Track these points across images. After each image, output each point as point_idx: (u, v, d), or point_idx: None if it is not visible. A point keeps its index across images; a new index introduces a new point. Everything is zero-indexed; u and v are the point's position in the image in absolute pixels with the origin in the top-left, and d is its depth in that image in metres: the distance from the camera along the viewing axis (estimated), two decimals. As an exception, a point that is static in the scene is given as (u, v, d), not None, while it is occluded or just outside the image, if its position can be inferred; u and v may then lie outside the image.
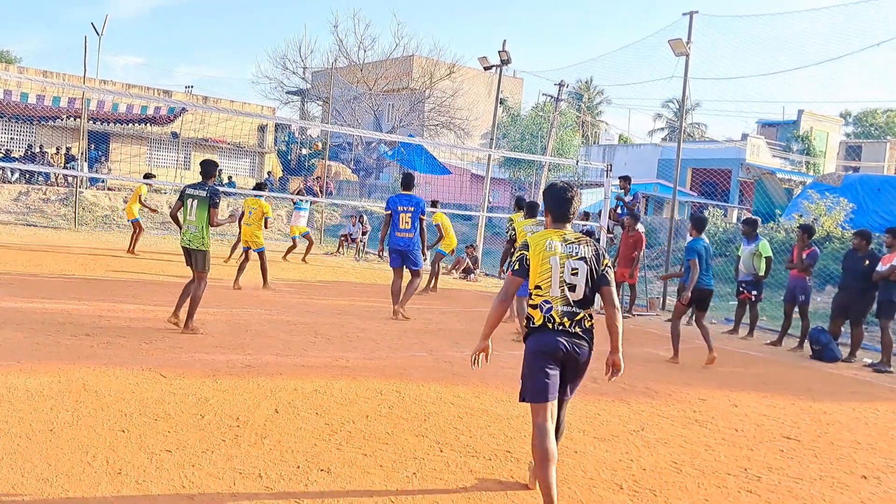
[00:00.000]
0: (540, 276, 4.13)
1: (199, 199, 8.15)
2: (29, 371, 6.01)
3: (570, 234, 4.25)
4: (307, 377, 6.65)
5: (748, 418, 6.58)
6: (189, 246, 8.19)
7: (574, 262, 4.13)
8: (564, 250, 4.15)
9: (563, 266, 4.11)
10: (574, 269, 4.11)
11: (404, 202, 10.59)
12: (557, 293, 4.11)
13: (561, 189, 4.35)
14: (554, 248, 4.14)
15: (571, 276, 4.10)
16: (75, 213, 22.95)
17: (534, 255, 4.16)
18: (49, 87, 29.80)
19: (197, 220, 8.13)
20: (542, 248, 4.16)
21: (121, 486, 3.95)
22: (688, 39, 15.28)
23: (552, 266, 4.11)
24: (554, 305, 4.10)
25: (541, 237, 4.22)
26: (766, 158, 37.44)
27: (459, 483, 4.42)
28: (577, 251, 4.16)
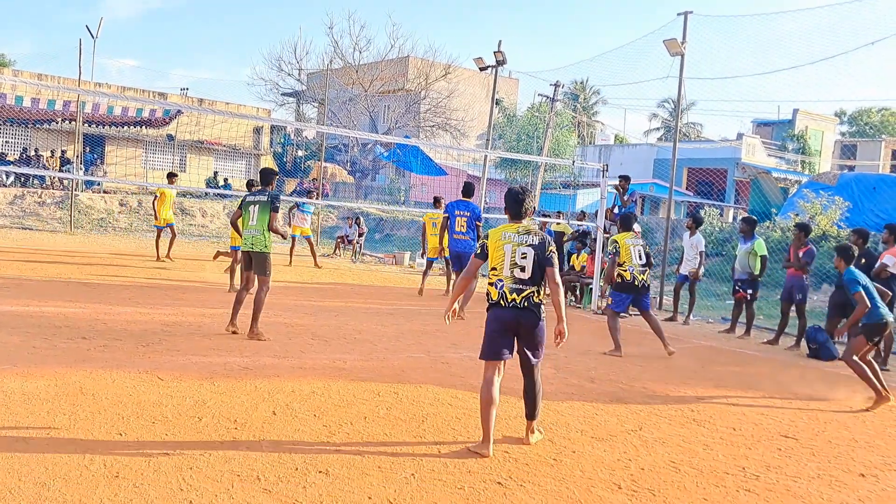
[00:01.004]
0: (496, 259, 5.15)
1: (260, 203, 8.30)
2: (25, 375, 5.99)
3: (523, 227, 5.20)
4: (305, 379, 6.64)
5: (746, 417, 6.58)
6: (252, 249, 8.27)
7: (524, 248, 5.09)
8: (516, 239, 5.12)
9: (515, 252, 5.09)
10: (523, 253, 5.08)
11: (461, 207, 11.02)
12: (508, 273, 5.09)
13: (516, 192, 5.28)
14: (508, 238, 5.14)
15: (521, 259, 5.07)
16: (71, 217, 22.90)
17: (492, 243, 5.18)
18: (44, 90, 29.78)
19: (258, 223, 8.26)
20: (498, 238, 5.17)
21: (118, 490, 3.94)
22: (682, 39, 15.29)
23: (505, 252, 5.11)
24: (505, 283, 5.10)
25: (499, 230, 5.21)
26: (762, 158, 37.52)
27: (458, 484, 4.41)
28: (527, 240, 5.11)
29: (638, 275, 9.15)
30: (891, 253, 9.74)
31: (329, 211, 29.74)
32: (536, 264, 5.06)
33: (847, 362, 7.46)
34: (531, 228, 5.18)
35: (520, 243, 5.09)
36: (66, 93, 29.39)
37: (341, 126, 36.87)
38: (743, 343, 11.13)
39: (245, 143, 37.76)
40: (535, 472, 4.72)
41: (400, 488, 4.28)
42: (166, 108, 31.86)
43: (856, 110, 55.67)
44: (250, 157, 38.60)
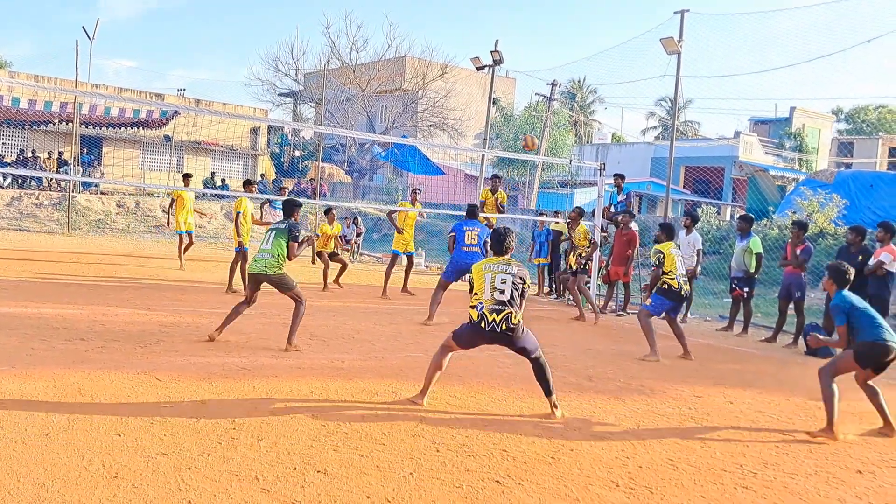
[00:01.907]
0: (478, 286, 5.93)
1: (277, 230, 8.24)
2: (24, 376, 6.00)
3: (504, 259, 6.03)
4: (303, 379, 6.65)
5: (743, 415, 6.60)
6: (264, 273, 8.09)
7: (503, 275, 5.88)
8: (496, 268, 5.93)
9: (494, 278, 5.87)
10: (503, 279, 5.85)
11: (470, 224, 10.90)
12: (489, 296, 5.85)
13: (500, 234, 6.10)
14: (489, 269, 5.96)
15: (501, 284, 5.84)
16: (68, 218, 22.89)
17: (475, 273, 6.02)
18: (41, 91, 29.75)
19: (273, 248, 8.15)
20: (480, 269, 6.01)
21: (117, 490, 3.95)
22: (679, 38, 15.32)
23: (486, 279, 5.89)
24: (485, 304, 5.84)
25: (482, 263, 6.11)
26: (759, 156, 37.55)
27: (456, 483, 4.42)
28: (507, 269, 5.92)
29: (683, 284, 9.12)
30: (887, 250, 9.76)
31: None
32: (514, 288, 5.85)
33: (819, 375, 6.17)
34: (512, 261, 6.01)
35: (499, 271, 5.89)
36: (62, 94, 29.35)
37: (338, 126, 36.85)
38: (741, 341, 11.15)
39: (242, 144, 37.74)
40: (533, 470, 4.73)
41: (398, 487, 4.29)
42: (163, 109, 31.84)
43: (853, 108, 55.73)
44: (247, 157, 38.58)
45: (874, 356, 6.02)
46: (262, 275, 8.11)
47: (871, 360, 6.04)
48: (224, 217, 27.64)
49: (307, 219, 28.46)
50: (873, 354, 6.02)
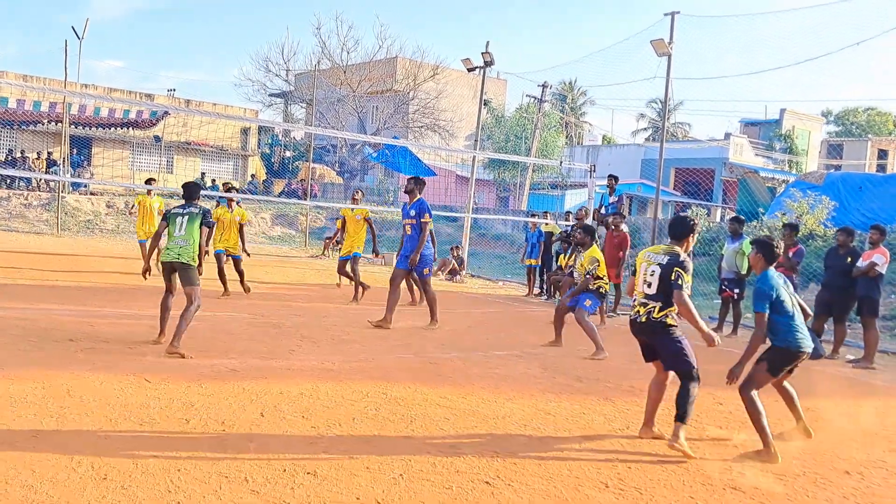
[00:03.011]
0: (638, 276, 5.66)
1: (191, 215, 7.87)
2: (12, 377, 5.96)
3: (665, 248, 5.63)
4: (293, 380, 6.63)
5: (732, 416, 6.62)
6: (178, 260, 7.73)
7: (653, 266, 5.53)
8: (652, 258, 5.57)
9: (647, 270, 5.56)
10: (652, 271, 5.52)
11: None
12: (641, 288, 5.59)
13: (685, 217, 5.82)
14: (647, 257, 5.63)
15: (650, 276, 5.52)
16: (58, 219, 22.79)
17: (637, 261, 5.74)
18: (29, 91, 29.57)
19: (187, 234, 7.79)
20: (641, 256, 5.74)
21: (106, 492, 3.93)
22: (669, 40, 15.37)
23: (640, 269, 5.63)
24: (638, 297, 5.63)
25: (645, 250, 5.79)
26: (749, 157, 37.71)
27: (446, 484, 4.42)
28: (658, 259, 5.53)
29: None
30: (879, 252, 9.82)
31: (318, 212, 29.70)
32: (661, 282, 5.45)
33: (741, 395, 5.67)
34: (671, 250, 5.55)
35: (652, 261, 5.54)
36: (52, 94, 29.21)
37: (329, 127, 36.81)
38: (730, 342, 11.16)
39: (233, 144, 37.63)
40: (523, 471, 4.74)
41: (388, 488, 4.29)
42: (153, 110, 31.74)
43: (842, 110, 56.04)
44: (238, 158, 38.46)
45: (787, 363, 5.77)
46: (176, 262, 7.73)
47: (783, 367, 5.78)
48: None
49: (298, 219, 28.42)
50: (786, 362, 5.76)
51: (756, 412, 5.52)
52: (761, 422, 5.49)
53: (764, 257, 5.90)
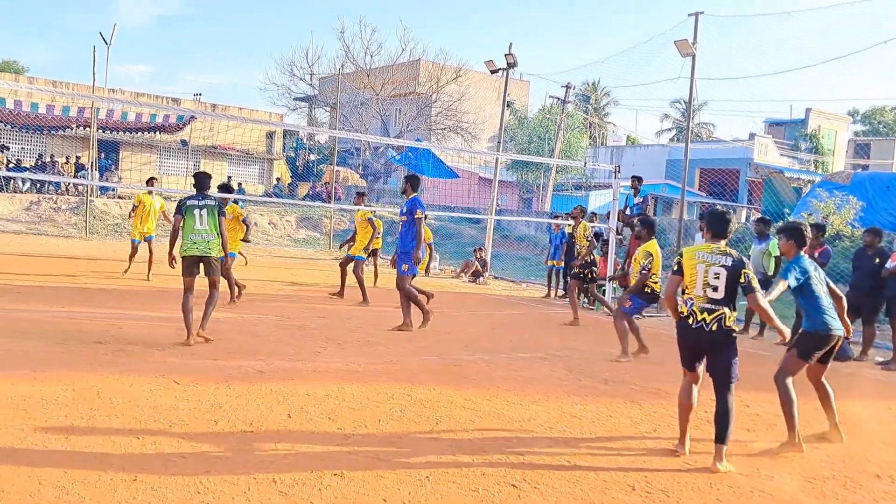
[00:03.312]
0: (689, 277, 5.26)
1: (209, 207, 8.10)
2: (43, 379, 6.06)
3: (718, 248, 5.26)
4: (319, 382, 6.68)
5: (760, 418, 6.57)
6: (206, 254, 8.02)
7: (716, 268, 5.16)
8: (710, 259, 5.19)
9: (708, 271, 5.16)
10: (717, 273, 5.15)
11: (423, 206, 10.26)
12: (700, 293, 5.18)
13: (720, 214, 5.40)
14: (702, 258, 5.23)
15: (714, 279, 5.14)
16: (86, 222, 23.08)
17: (686, 260, 5.31)
18: (59, 96, 29.99)
19: (210, 227, 8.05)
20: (692, 256, 5.28)
21: (136, 493, 3.99)
22: (693, 40, 15.28)
23: (697, 272, 5.21)
24: (696, 302, 5.20)
25: (693, 249, 5.35)
26: (775, 157, 37.33)
27: (472, 486, 4.43)
28: (720, 260, 5.16)
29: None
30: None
31: (342, 214, 29.82)
32: (729, 285, 5.11)
33: (776, 383, 5.72)
34: (726, 250, 5.24)
35: (713, 262, 5.16)
36: (80, 99, 29.61)
37: (353, 130, 37.00)
38: (756, 344, 11.09)
39: (258, 148, 37.92)
40: (549, 474, 4.74)
41: (414, 490, 4.30)
42: (180, 114, 32.03)
43: (869, 109, 55.36)
44: (263, 161, 38.75)
45: (817, 347, 5.71)
46: (204, 256, 7.94)
47: (814, 351, 5.72)
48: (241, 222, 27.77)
49: (322, 222, 28.56)
50: (816, 346, 5.71)
51: (788, 400, 5.55)
52: (791, 410, 5.50)
53: (795, 243, 5.85)
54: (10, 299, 10.14)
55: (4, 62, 51.43)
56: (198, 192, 8.29)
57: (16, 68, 50.14)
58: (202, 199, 8.19)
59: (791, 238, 5.85)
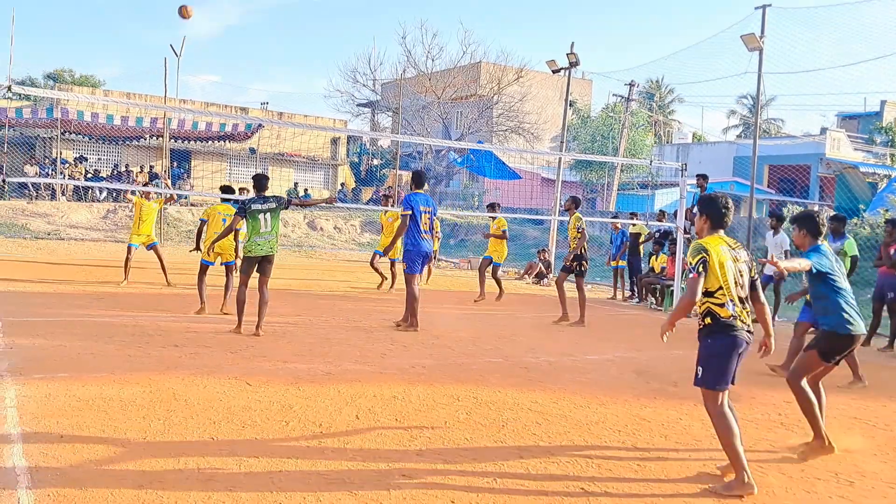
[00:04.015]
0: (722, 275, 4.55)
1: (272, 210, 8.75)
2: (122, 382, 6.28)
3: (733, 242, 4.78)
4: (385, 384, 6.75)
5: (836, 421, 6.36)
6: (270, 253, 8.76)
7: (741, 265, 4.66)
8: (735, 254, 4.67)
9: (737, 268, 4.63)
10: (740, 270, 4.65)
11: (424, 202, 9.96)
12: (735, 293, 4.57)
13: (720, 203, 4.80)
14: (728, 254, 4.63)
15: (740, 277, 4.63)
16: (160, 230, 23.81)
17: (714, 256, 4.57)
18: (132, 108, 31.02)
19: (273, 229, 8.71)
20: (719, 251, 4.61)
21: (212, 492, 4.09)
22: (761, 34, 14.90)
23: (728, 269, 4.58)
24: (736, 303, 4.57)
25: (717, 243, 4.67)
26: (848, 152, 36.08)
27: (541, 489, 4.42)
28: (741, 256, 4.70)
29: None
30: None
31: (405, 218, 30.05)
32: (748, 282, 4.70)
33: (790, 383, 5.37)
34: (739, 245, 4.83)
35: (738, 258, 4.66)
36: (153, 110, 30.58)
37: (415, 134, 37.21)
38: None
39: (323, 154, 38.53)
40: (619, 477, 4.69)
41: (482, 493, 4.31)
42: (248, 123, 32.77)
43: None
44: (328, 167, 39.35)
45: (839, 349, 5.34)
46: (270, 255, 8.74)
47: (835, 353, 5.35)
48: (307, 226, 28.27)
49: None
50: (837, 347, 5.32)
51: (807, 401, 5.21)
52: (814, 411, 5.19)
53: (808, 232, 5.40)
54: (89, 305, 10.54)
55: (82, 77, 53.51)
56: (258, 195, 8.88)
57: (92, 82, 52.06)
58: (264, 201, 8.77)
59: (803, 227, 5.41)
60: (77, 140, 31.96)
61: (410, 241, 9.83)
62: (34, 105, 31.59)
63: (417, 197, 9.93)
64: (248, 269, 8.87)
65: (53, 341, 7.80)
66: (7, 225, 22.97)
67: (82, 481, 4.11)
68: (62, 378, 6.27)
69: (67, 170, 29.43)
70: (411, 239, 9.83)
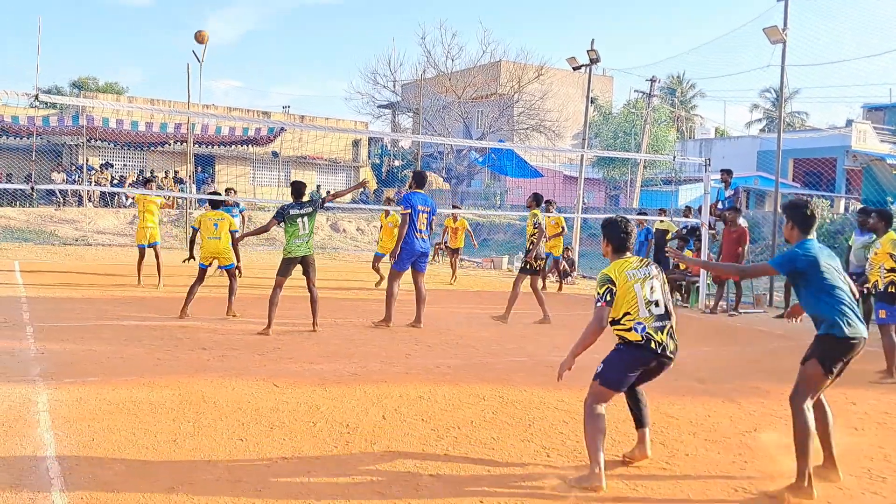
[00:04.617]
0: (627, 300, 4.62)
1: (309, 215, 9.24)
2: (151, 385, 6.35)
3: (639, 261, 4.79)
4: (411, 384, 6.77)
5: (868, 416, 6.29)
6: (308, 253, 9.22)
7: (651, 281, 4.67)
8: (641, 274, 4.68)
9: (644, 287, 4.64)
10: (652, 287, 4.66)
11: (422, 201, 9.98)
12: (646, 313, 4.61)
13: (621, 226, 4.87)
14: (633, 276, 4.64)
15: (651, 294, 4.64)
16: (186, 233, 24.03)
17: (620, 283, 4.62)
18: (156, 114, 31.34)
19: (309, 231, 9.20)
20: (624, 277, 4.64)
21: (241, 494, 4.13)
22: (784, 26, 14.73)
23: (635, 292, 4.62)
24: (646, 324, 4.61)
25: (620, 268, 4.69)
26: (874, 144, 35.56)
27: (569, 489, 4.40)
28: (649, 272, 4.70)
29: None
30: None
31: (427, 218, 30.10)
32: (664, 295, 4.69)
33: (792, 403, 4.51)
34: (647, 261, 4.81)
35: (644, 277, 4.64)
36: (176, 116, 30.87)
37: (436, 134, 37.26)
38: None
39: (345, 157, 38.72)
40: (648, 475, 4.67)
41: (511, 493, 4.31)
42: (270, 126, 33.01)
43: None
44: (350, 169, 39.53)
45: (838, 356, 4.48)
46: (308, 256, 9.20)
47: (836, 362, 4.48)
48: (330, 228, 28.39)
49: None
50: (837, 355, 4.48)
51: (804, 428, 4.38)
52: (806, 444, 4.34)
53: (797, 225, 4.65)
54: (117, 309, 10.66)
55: (106, 84, 54.18)
56: (296, 200, 9.28)
57: (117, 89, 52.70)
58: (301, 206, 9.26)
59: (791, 217, 4.69)
60: (103, 147, 32.37)
61: (405, 238, 9.88)
62: (60, 113, 32.01)
63: (416, 196, 10.02)
64: (287, 270, 9.26)
65: (83, 346, 7.91)
66: (36, 232, 23.31)
67: (114, 484, 4.17)
68: (93, 382, 6.36)
69: (94, 176, 29.81)
70: (406, 237, 9.88)
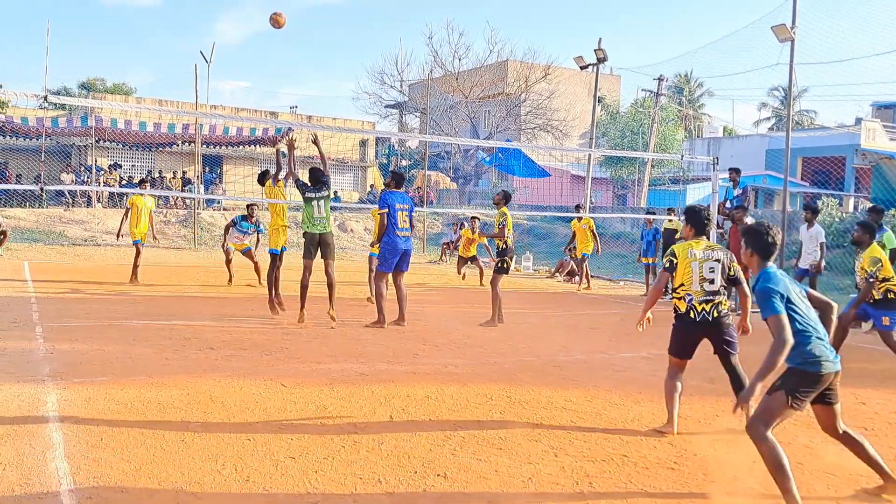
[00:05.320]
0: (684, 275, 5.55)
1: (325, 197, 9.85)
2: (159, 385, 6.37)
3: (707, 244, 5.68)
4: (419, 384, 6.77)
5: (878, 416, 6.26)
6: (325, 231, 9.75)
7: (710, 262, 5.56)
8: (703, 255, 5.58)
9: (702, 267, 5.54)
10: (711, 268, 5.55)
11: (400, 200, 10.06)
12: (698, 287, 5.52)
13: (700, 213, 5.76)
14: (694, 255, 5.56)
15: (710, 273, 5.53)
16: (194, 234, 24.10)
17: (680, 260, 5.57)
18: (164, 115, 31.42)
19: (326, 213, 9.79)
20: (685, 255, 5.58)
21: (249, 493, 4.14)
22: (792, 24, 14.69)
23: (692, 269, 5.54)
24: (695, 297, 5.54)
25: (684, 248, 5.63)
26: (884, 142, 35.36)
27: (576, 488, 4.40)
28: (712, 255, 5.59)
29: None
30: None
31: (434, 218, 30.07)
32: (722, 275, 5.55)
33: (750, 434, 4.18)
34: (715, 246, 5.70)
35: (706, 258, 5.54)
36: (184, 116, 30.94)
37: (443, 134, 37.26)
38: (871, 339, 10.55)
39: (352, 156, 38.73)
40: (656, 475, 4.66)
41: (518, 492, 4.31)
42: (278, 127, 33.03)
43: None
44: (357, 169, 39.56)
45: (809, 389, 4.12)
46: (325, 234, 9.73)
47: (805, 395, 4.11)
48: (338, 228, 28.42)
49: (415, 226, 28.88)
50: (807, 387, 4.11)
51: (775, 460, 3.99)
52: (782, 467, 3.98)
53: (756, 252, 4.36)
54: (125, 309, 10.70)
55: (114, 85, 54.36)
56: (313, 185, 9.92)
57: (125, 90, 52.86)
58: (317, 191, 9.85)
59: (751, 244, 4.39)
60: (111, 147, 32.47)
61: (386, 238, 9.92)
62: (69, 114, 32.14)
63: (393, 195, 10.06)
64: (310, 251, 9.75)
65: (92, 346, 7.94)
66: (45, 232, 23.40)
67: (122, 483, 4.18)
68: (101, 382, 6.39)
69: (102, 177, 29.91)
70: (387, 237, 9.92)
